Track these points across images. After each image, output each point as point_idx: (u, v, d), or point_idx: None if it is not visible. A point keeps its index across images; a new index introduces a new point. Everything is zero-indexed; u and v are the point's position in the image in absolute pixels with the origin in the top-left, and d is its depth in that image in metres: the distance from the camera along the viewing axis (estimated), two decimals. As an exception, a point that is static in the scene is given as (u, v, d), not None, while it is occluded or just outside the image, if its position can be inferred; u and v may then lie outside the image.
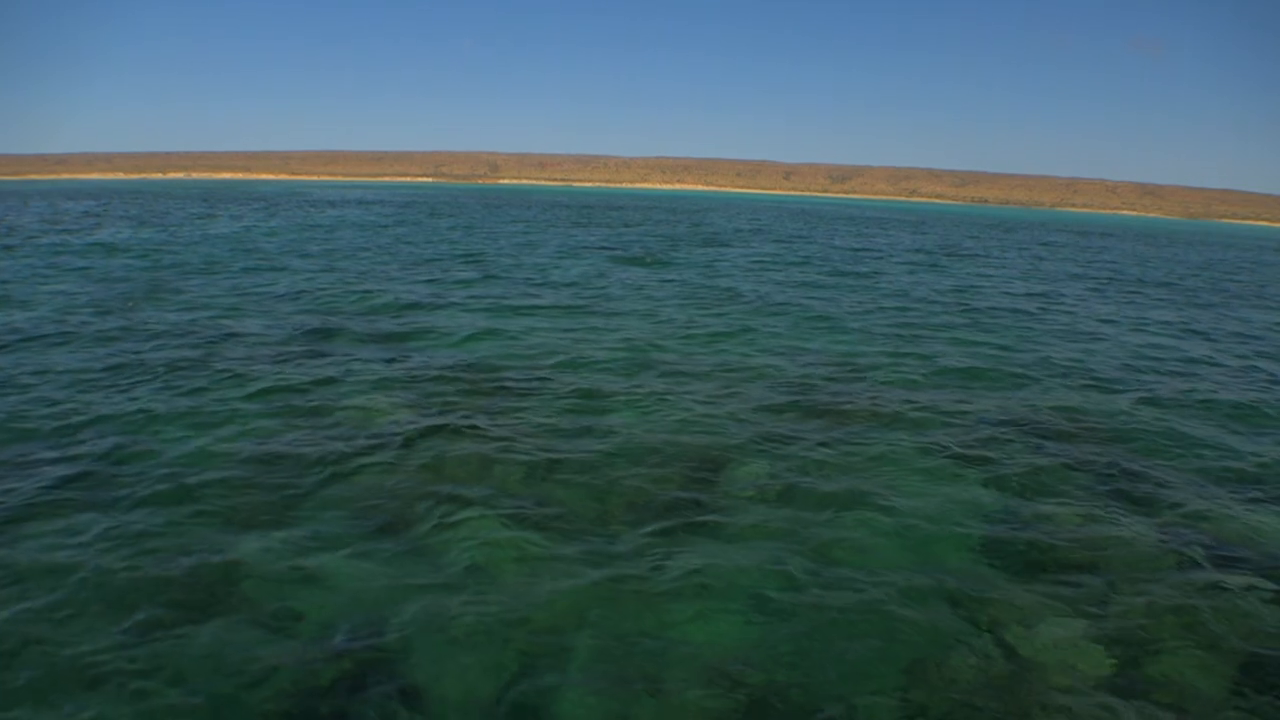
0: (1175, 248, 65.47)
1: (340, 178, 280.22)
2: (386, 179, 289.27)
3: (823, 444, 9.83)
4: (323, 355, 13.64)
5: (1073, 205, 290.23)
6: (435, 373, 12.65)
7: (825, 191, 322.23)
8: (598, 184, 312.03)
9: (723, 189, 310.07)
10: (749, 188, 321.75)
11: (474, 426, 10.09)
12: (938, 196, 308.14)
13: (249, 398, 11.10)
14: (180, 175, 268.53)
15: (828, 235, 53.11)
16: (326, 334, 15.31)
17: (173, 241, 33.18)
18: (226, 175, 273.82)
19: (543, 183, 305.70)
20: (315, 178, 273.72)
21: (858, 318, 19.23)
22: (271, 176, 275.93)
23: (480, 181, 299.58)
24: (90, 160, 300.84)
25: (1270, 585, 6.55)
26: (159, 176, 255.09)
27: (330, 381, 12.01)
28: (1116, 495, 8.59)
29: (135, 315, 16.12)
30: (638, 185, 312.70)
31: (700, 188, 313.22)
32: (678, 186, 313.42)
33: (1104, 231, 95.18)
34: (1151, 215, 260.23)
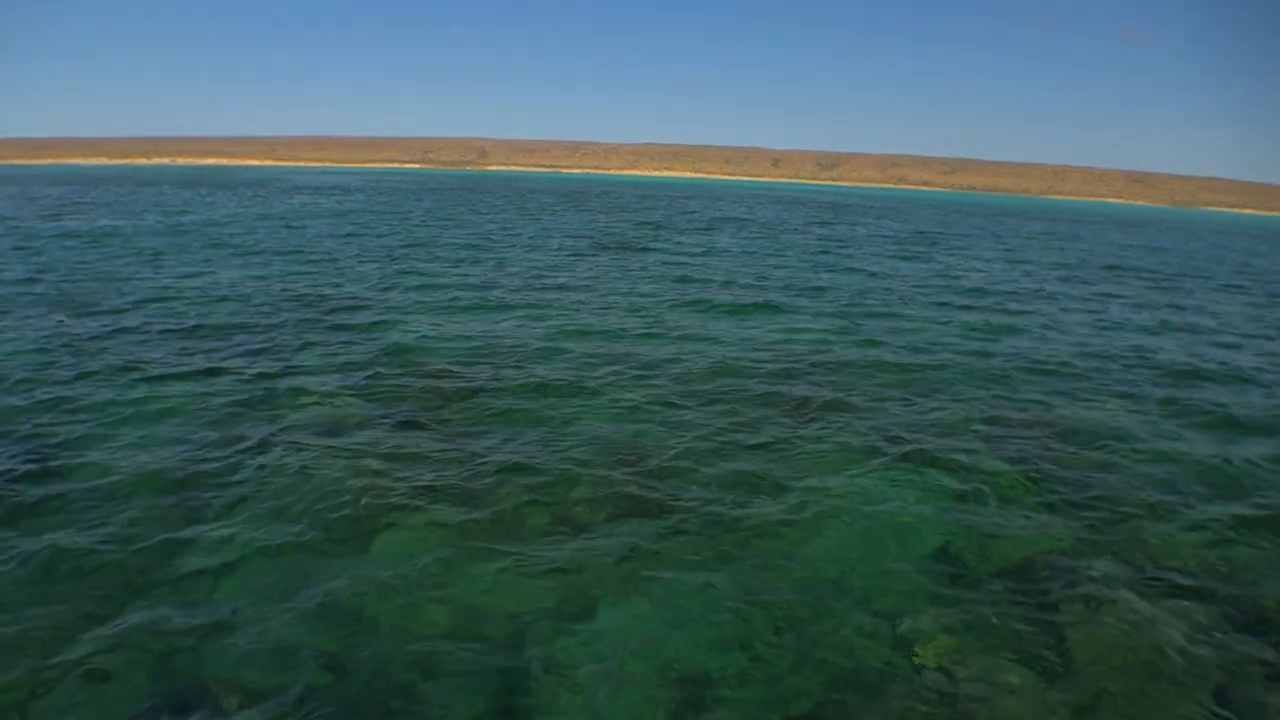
0: (1147, 235, 65.49)
1: (327, 164, 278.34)
2: (374, 165, 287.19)
3: (769, 442, 9.78)
4: (267, 351, 13.52)
5: (1060, 193, 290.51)
6: (381, 369, 12.58)
7: (814, 178, 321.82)
8: (586, 170, 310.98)
9: (711, 176, 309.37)
10: (737, 174, 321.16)
11: (413, 425, 10.10)
12: (925, 184, 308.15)
13: (180, 394, 11.02)
14: (165, 161, 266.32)
15: (803, 225, 52.85)
16: (272, 328, 15.17)
17: (140, 230, 32.97)
18: (211, 161, 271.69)
19: (531, 169, 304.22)
20: (302, 164, 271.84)
21: (825, 307, 19.27)
22: (257, 162, 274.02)
23: (468, 168, 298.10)
24: (73, 145, 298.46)
25: (1225, 611, 6.38)
26: (143, 162, 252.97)
27: (269, 377, 11.95)
28: (1067, 504, 8.43)
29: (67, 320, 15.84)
30: (626, 172, 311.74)
31: (689, 174, 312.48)
32: (666, 173, 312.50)
33: (1075, 219, 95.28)
34: (1139, 203, 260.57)
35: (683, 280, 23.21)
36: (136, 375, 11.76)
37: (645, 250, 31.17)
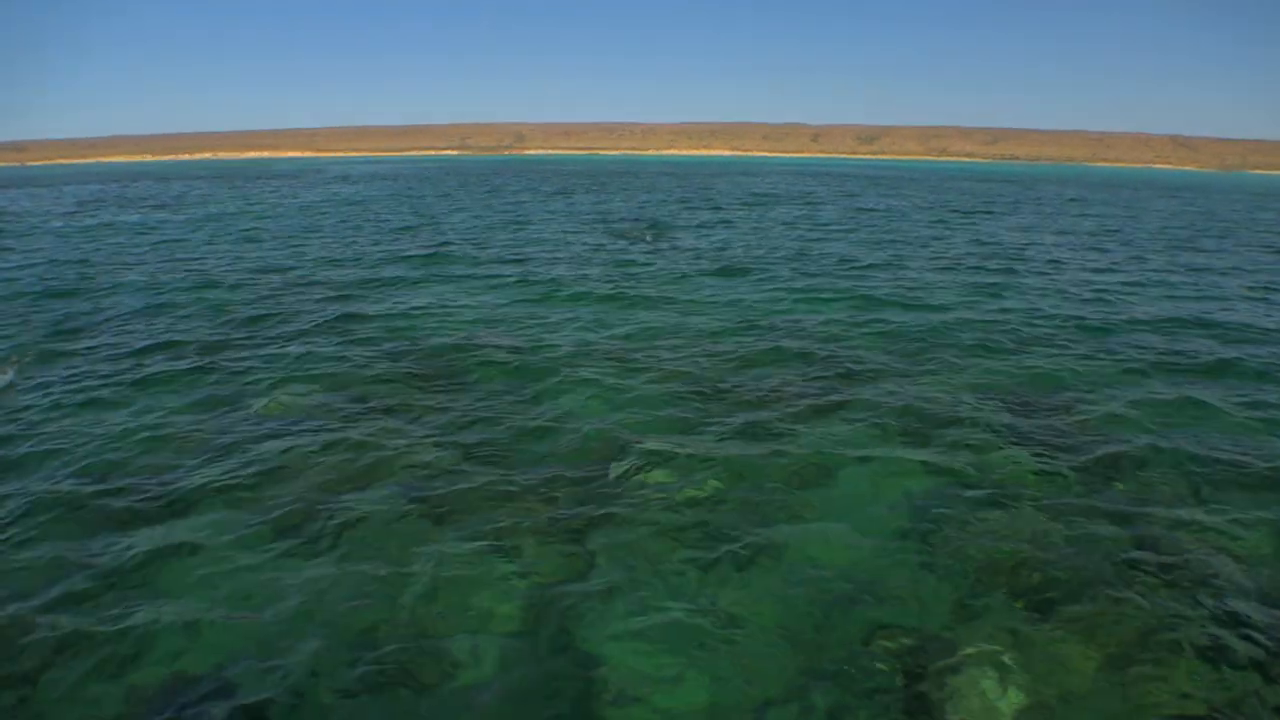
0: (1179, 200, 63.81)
1: (366, 153, 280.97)
2: (412, 153, 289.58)
3: (756, 431, 9.53)
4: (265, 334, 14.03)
5: (1105, 160, 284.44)
6: (376, 356, 12.71)
7: (854, 153, 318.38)
8: (624, 151, 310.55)
9: (750, 153, 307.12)
10: (777, 151, 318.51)
11: (399, 409, 10.20)
12: (968, 155, 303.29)
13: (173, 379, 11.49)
14: (208, 155, 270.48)
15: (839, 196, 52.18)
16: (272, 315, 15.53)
17: (167, 222, 33.65)
18: (253, 154, 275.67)
19: (569, 152, 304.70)
20: (341, 154, 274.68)
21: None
22: (297, 154, 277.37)
23: (506, 153, 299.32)
24: (118, 144, 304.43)
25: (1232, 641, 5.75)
26: (187, 158, 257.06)
27: (255, 364, 12.23)
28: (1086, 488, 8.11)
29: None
30: (664, 152, 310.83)
31: (727, 153, 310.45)
32: (704, 152, 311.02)
33: (1109, 183, 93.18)
34: (1186, 168, 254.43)
35: (690, 262, 22.93)
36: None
37: (666, 229, 31.15)
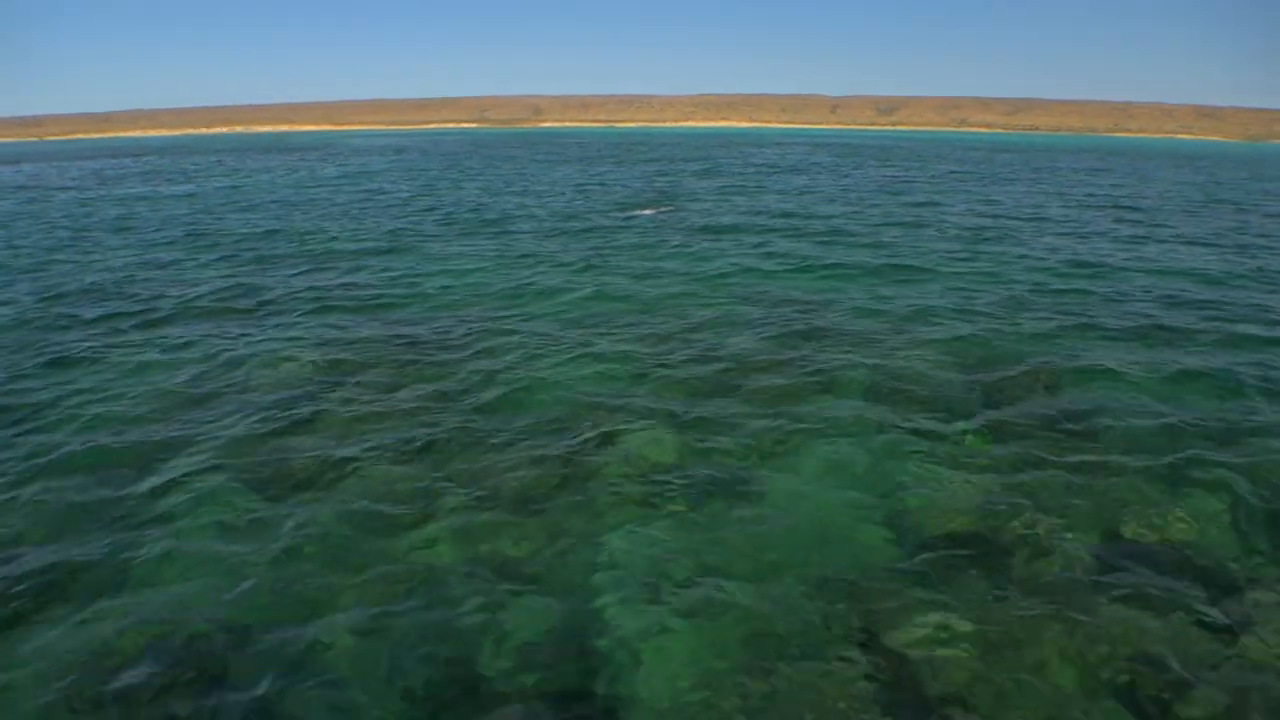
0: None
1: (384, 126, 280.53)
2: (430, 125, 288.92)
3: (738, 416, 9.58)
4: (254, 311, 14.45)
5: (1127, 130, 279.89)
6: (358, 331, 13.11)
7: (872, 124, 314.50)
8: (641, 124, 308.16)
9: (768, 124, 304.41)
10: (795, 122, 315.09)
11: (375, 387, 10.45)
12: (987, 126, 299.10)
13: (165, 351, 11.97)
14: (224, 129, 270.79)
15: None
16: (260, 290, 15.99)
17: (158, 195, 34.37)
18: (270, 128, 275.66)
19: (586, 124, 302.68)
20: (359, 126, 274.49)
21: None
22: (315, 128, 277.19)
23: (523, 125, 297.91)
24: (134, 118, 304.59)
25: (1166, 593, 6.03)
26: (204, 131, 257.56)
27: (245, 338, 12.64)
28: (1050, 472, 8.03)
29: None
30: (682, 124, 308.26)
31: (745, 124, 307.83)
32: (722, 123, 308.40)
33: (1128, 153, 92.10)
34: (1210, 138, 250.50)
35: (682, 238, 23.33)
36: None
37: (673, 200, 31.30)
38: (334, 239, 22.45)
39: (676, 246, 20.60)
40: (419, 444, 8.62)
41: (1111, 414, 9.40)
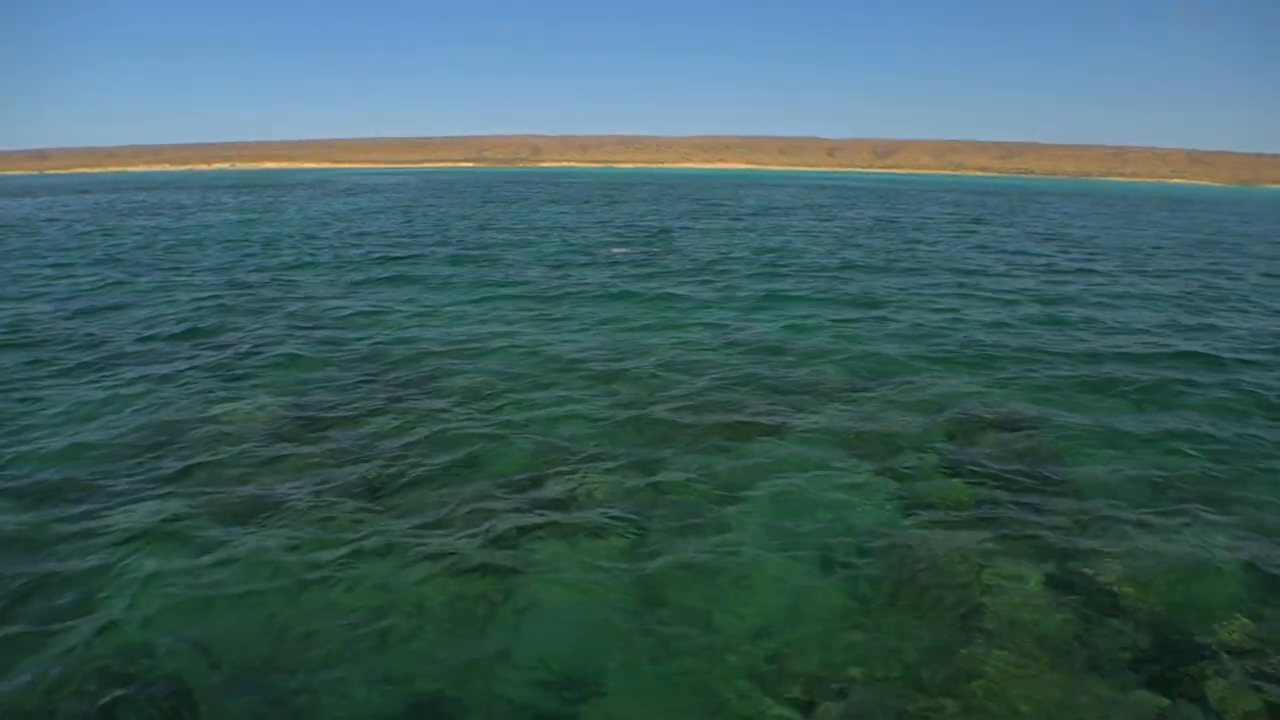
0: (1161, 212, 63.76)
1: (382, 164, 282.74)
2: (428, 164, 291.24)
3: (701, 452, 9.37)
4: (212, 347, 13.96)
5: (1121, 174, 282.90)
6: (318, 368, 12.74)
7: (869, 167, 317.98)
8: (640, 164, 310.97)
9: (766, 167, 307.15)
10: (792, 165, 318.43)
11: (333, 423, 10.16)
12: (982, 169, 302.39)
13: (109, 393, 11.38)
14: (225, 166, 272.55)
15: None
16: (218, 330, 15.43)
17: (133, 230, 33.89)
18: (269, 165, 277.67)
19: (584, 164, 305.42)
20: (357, 165, 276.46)
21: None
22: (314, 165, 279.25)
23: (521, 165, 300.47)
24: (137, 152, 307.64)
25: (1124, 651, 5.70)
26: (203, 167, 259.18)
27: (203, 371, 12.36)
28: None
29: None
30: (679, 165, 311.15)
31: (742, 166, 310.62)
32: (720, 165, 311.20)
33: (1117, 198, 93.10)
34: (1200, 183, 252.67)
35: (658, 280, 22.95)
36: None
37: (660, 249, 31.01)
38: (299, 267, 22.13)
39: (650, 285, 20.10)
40: (375, 481, 8.42)
41: (1074, 462, 9.22)
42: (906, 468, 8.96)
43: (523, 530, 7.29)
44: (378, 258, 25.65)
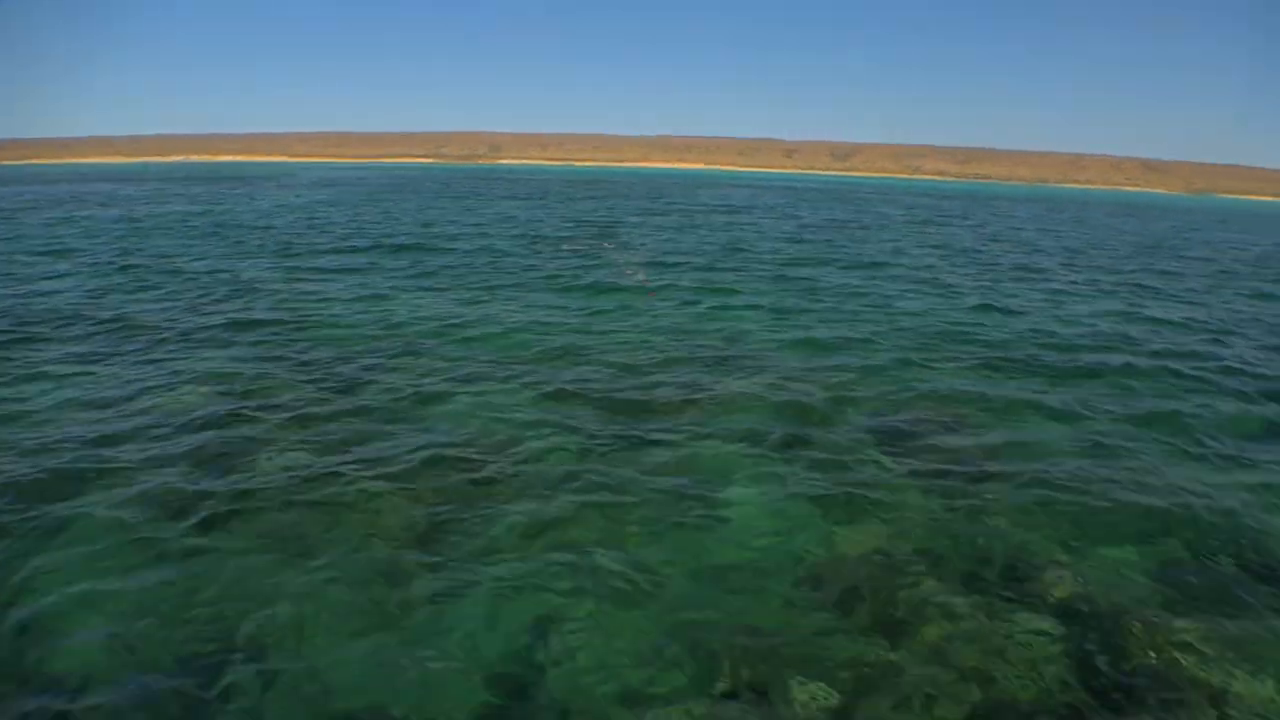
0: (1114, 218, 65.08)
1: (340, 159, 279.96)
2: (386, 160, 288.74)
3: (637, 440, 9.38)
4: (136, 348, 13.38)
5: (1076, 181, 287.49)
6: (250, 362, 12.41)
7: (828, 169, 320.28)
8: (600, 163, 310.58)
9: (724, 167, 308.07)
10: (751, 166, 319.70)
11: (280, 405, 10.14)
12: (940, 174, 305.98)
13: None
14: (180, 158, 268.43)
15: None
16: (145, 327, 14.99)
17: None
18: (226, 158, 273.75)
19: (544, 162, 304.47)
20: (315, 159, 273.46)
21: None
22: (272, 158, 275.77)
23: (480, 161, 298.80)
24: (92, 144, 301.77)
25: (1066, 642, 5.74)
26: (158, 160, 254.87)
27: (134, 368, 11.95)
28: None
29: None
30: (640, 164, 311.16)
31: (702, 166, 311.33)
32: (679, 165, 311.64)
33: (1070, 203, 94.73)
34: (1155, 190, 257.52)
35: (585, 271, 23.11)
36: None
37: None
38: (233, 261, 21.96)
39: (593, 279, 20.31)
40: (323, 469, 8.33)
41: (1012, 452, 9.30)
42: (825, 445, 9.19)
43: (442, 518, 7.32)
44: (320, 248, 25.71)
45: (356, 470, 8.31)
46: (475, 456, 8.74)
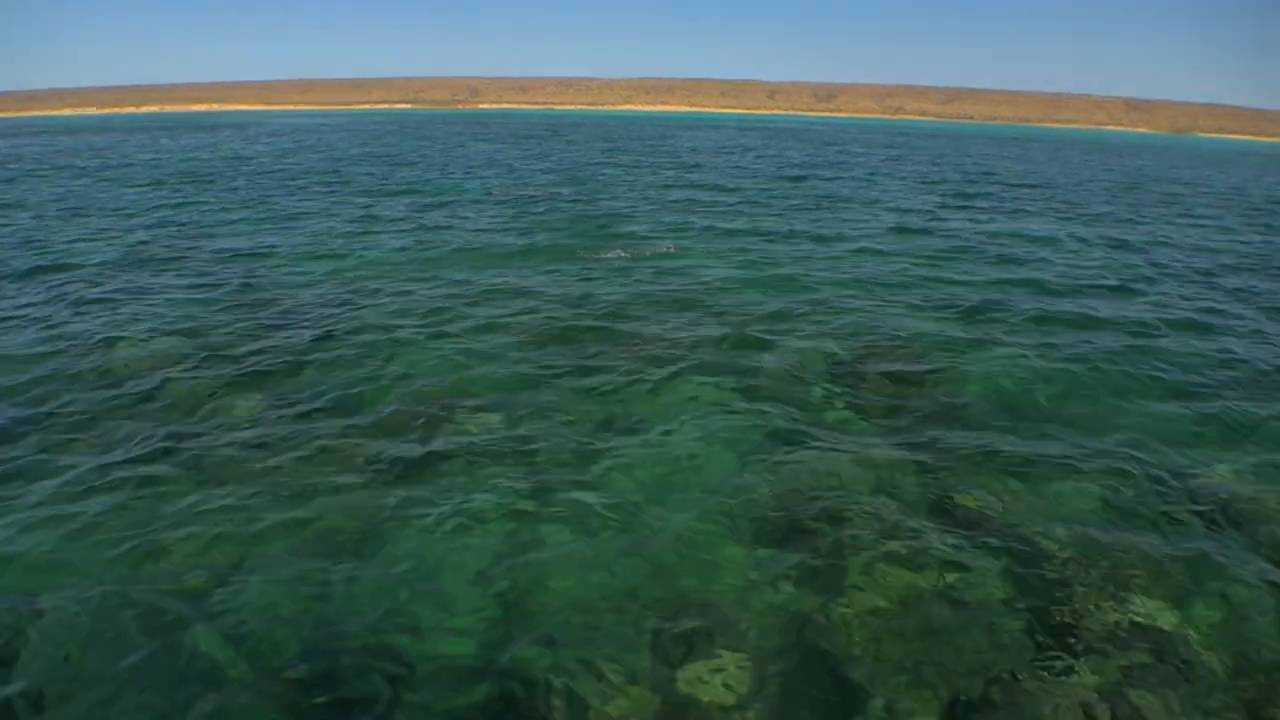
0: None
1: (316, 106, 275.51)
2: (365, 106, 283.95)
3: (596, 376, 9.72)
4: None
5: (1058, 121, 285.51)
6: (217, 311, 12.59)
7: (810, 110, 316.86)
8: (581, 106, 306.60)
9: (707, 109, 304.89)
10: (734, 107, 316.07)
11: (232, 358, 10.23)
12: (922, 114, 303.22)
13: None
14: (154, 109, 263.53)
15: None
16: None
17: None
18: (201, 107, 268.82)
19: (524, 106, 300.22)
20: (291, 106, 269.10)
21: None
22: (247, 106, 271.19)
23: (459, 106, 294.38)
24: (62, 95, 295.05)
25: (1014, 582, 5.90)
26: (132, 110, 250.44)
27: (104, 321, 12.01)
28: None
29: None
30: (621, 107, 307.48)
31: (684, 108, 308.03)
32: (661, 108, 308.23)
33: (1051, 142, 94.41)
34: (1138, 130, 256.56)
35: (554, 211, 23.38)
36: None
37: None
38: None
39: (551, 217, 21.21)
40: (274, 414, 8.61)
41: (973, 395, 9.53)
42: (786, 386, 9.50)
43: (411, 465, 7.50)
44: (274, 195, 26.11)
45: (326, 408, 8.71)
46: (430, 391, 9.15)
